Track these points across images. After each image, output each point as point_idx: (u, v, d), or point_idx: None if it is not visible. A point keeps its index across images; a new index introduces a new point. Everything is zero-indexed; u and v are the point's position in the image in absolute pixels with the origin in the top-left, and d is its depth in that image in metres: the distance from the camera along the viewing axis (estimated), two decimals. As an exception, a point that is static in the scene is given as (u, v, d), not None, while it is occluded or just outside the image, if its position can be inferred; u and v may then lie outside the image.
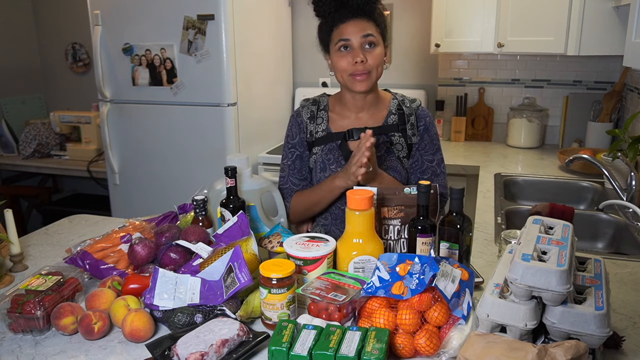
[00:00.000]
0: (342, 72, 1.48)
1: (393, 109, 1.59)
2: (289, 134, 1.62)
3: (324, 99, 1.63)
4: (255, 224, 1.45)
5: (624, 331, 1.07)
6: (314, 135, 1.58)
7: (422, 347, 0.97)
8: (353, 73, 1.46)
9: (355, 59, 1.44)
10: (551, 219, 1.05)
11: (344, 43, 1.45)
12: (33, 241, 1.64)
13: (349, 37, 1.45)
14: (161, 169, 2.81)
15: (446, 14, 2.71)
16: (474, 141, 3.13)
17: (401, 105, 1.59)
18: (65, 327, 1.10)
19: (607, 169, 1.94)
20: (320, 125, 1.58)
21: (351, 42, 1.45)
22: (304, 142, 1.59)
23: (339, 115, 1.59)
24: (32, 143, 3.43)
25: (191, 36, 2.55)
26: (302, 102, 1.64)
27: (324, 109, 1.60)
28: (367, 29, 1.45)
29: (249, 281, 1.11)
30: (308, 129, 1.58)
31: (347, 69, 1.46)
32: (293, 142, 1.61)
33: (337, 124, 1.58)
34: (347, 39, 1.45)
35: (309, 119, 1.59)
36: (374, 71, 1.48)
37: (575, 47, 2.39)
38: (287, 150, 1.62)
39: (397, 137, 1.56)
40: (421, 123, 1.59)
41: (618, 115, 2.74)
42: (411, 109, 1.59)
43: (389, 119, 1.57)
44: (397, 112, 1.58)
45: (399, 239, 1.32)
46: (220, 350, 0.97)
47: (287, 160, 1.62)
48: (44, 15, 3.91)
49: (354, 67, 1.45)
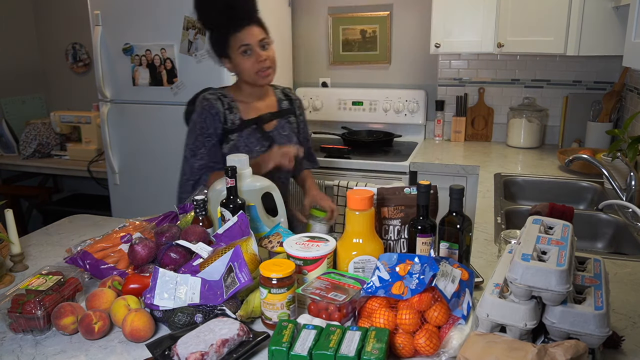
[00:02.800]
0: (248, 71, 1.70)
1: (280, 96, 1.89)
2: (203, 126, 1.74)
3: (227, 92, 1.81)
4: (255, 224, 1.45)
5: (623, 331, 1.07)
6: (234, 123, 1.76)
7: (422, 347, 0.97)
8: (259, 70, 1.69)
9: (260, 58, 1.68)
10: (551, 219, 1.06)
11: (245, 48, 1.68)
12: (33, 241, 1.64)
13: (249, 42, 1.67)
14: (161, 169, 2.80)
15: (446, 14, 2.71)
16: (474, 141, 3.13)
17: (286, 93, 1.92)
18: (65, 327, 1.10)
19: (606, 169, 1.94)
20: (236, 115, 1.77)
21: (251, 46, 1.68)
22: (218, 130, 1.75)
23: (244, 104, 1.80)
24: (32, 143, 3.42)
25: (191, 36, 2.55)
26: (208, 96, 1.77)
27: (233, 100, 1.79)
28: (260, 34, 1.70)
29: (249, 281, 1.11)
30: (227, 118, 1.75)
31: (253, 68, 1.69)
32: (209, 132, 1.74)
33: (246, 112, 1.80)
34: (248, 43, 1.67)
35: (226, 110, 1.76)
36: (274, 66, 1.74)
37: (575, 47, 2.39)
38: (202, 139, 1.75)
39: (292, 118, 1.90)
40: (302, 107, 1.96)
41: (618, 115, 2.74)
42: (295, 95, 1.94)
43: (282, 105, 1.88)
44: (286, 98, 1.90)
45: (399, 239, 1.32)
46: (220, 350, 0.97)
47: (204, 149, 1.75)
48: (44, 15, 3.91)
49: (260, 65, 1.69)
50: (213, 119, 1.73)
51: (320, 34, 3.29)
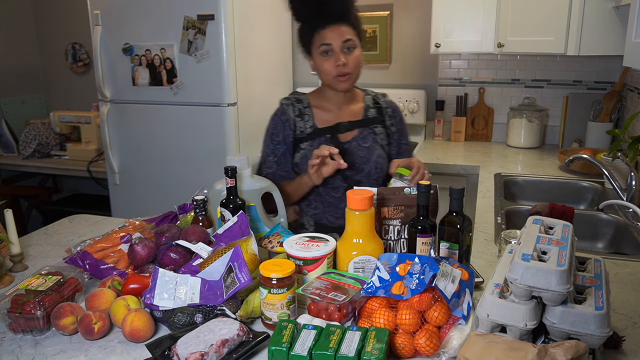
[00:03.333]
0: (326, 73, 1.60)
1: (370, 103, 1.73)
2: (274, 132, 1.69)
3: (304, 97, 1.73)
4: (255, 224, 1.45)
5: (624, 331, 1.07)
6: (303, 132, 1.65)
7: (422, 347, 0.97)
8: (337, 75, 1.58)
9: (338, 62, 1.56)
10: (551, 219, 1.05)
11: (326, 48, 1.57)
12: (33, 241, 1.64)
13: (331, 42, 1.56)
14: (161, 169, 2.81)
15: (446, 14, 2.70)
16: (474, 141, 3.13)
17: (376, 100, 1.74)
18: (65, 327, 1.10)
19: (607, 169, 1.94)
20: (307, 122, 1.67)
21: (332, 47, 1.56)
22: (289, 138, 1.66)
23: (322, 110, 1.69)
24: (32, 143, 3.42)
25: (191, 36, 2.55)
26: (283, 101, 1.71)
27: (308, 106, 1.69)
28: (346, 34, 1.56)
29: (249, 281, 1.11)
30: (297, 125, 1.66)
31: (331, 71, 1.58)
32: (278, 139, 1.67)
33: (322, 119, 1.68)
34: (329, 43, 1.56)
35: (297, 116, 1.67)
36: (355, 72, 1.61)
37: (575, 47, 2.39)
38: (272, 146, 1.69)
39: (379, 128, 1.71)
40: (397, 114, 1.76)
41: (618, 115, 2.74)
42: (387, 102, 1.75)
43: (369, 113, 1.71)
44: (374, 106, 1.73)
45: (399, 239, 1.32)
46: (220, 350, 0.97)
47: (273, 157, 1.69)
48: (44, 15, 3.91)
49: (337, 69, 1.57)
50: (283, 126, 1.66)
51: (320, 34, 3.29)
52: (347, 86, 1.62)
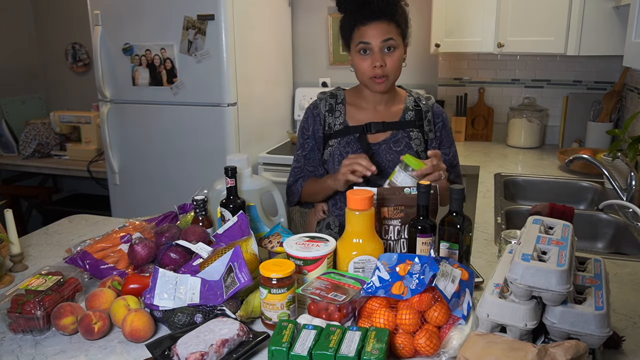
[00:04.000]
0: (362, 73, 1.51)
1: (410, 105, 1.63)
2: (304, 126, 1.65)
3: (341, 92, 1.66)
4: (255, 224, 1.45)
5: (624, 331, 1.07)
6: (332, 128, 1.60)
7: (422, 347, 0.97)
8: (372, 76, 1.49)
9: (375, 63, 1.47)
10: (551, 219, 1.05)
11: (364, 46, 1.47)
12: (33, 241, 1.64)
13: (369, 40, 1.46)
14: (161, 169, 2.80)
15: (446, 14, 2.70)
16: (474, 141, 3.13)
17: (417, 102, 1.63)
18: (65, 327, 1.10)
19: (607, 169, 1.94)
20: (338, 119, 1.60)
21: (371, 46, 1.47)
22: (318, 133, 1.62)
23: (356, 108, 1.62)
24: (32, 143, 3.42)
25: (191, 36, 2.55)
26: (319, 95, 1.66)
27: (341, 102, 1.63)
28: (388, 33, 1.47)
29: (249, 281, 1.11)
30: (326, 121, 1.61)
31: (367, 72, 1.50)
32: (308, 133, 1.64)
33: (355, 117, 1.61)
34: (368, 42, 1.47)
35: (327, 112, 1.61)
36: (393, 74, 1.52)
37: (575, 47, 2.40)
38: (302, 140, 1.65)
39: (415, 132, 1.60)
40: (439, 120, 1.64)
41: (618, 115, 2.74)
42: (427, 106, 1.63)
43: (406, 115, 1.61)
44: (414, 108, 1.62)
45: (399, 239, 1.32)
46: (220, 350, 0.97)
47: (302, 150, 1.66)
48: (44, 15, 3.91)
49: (374, 70, 1.48)
50: (314, 120, 1.61)
51: (320, 33, 3.29)
52: (383, 89, 1.52)
